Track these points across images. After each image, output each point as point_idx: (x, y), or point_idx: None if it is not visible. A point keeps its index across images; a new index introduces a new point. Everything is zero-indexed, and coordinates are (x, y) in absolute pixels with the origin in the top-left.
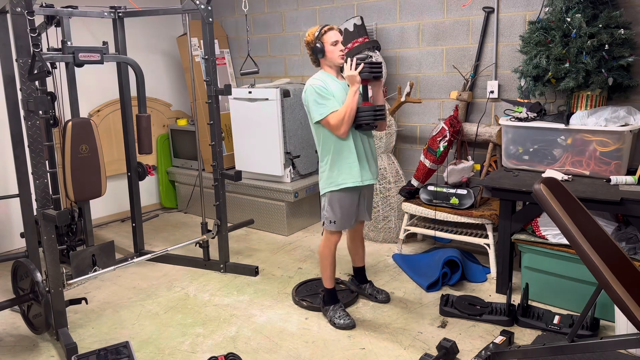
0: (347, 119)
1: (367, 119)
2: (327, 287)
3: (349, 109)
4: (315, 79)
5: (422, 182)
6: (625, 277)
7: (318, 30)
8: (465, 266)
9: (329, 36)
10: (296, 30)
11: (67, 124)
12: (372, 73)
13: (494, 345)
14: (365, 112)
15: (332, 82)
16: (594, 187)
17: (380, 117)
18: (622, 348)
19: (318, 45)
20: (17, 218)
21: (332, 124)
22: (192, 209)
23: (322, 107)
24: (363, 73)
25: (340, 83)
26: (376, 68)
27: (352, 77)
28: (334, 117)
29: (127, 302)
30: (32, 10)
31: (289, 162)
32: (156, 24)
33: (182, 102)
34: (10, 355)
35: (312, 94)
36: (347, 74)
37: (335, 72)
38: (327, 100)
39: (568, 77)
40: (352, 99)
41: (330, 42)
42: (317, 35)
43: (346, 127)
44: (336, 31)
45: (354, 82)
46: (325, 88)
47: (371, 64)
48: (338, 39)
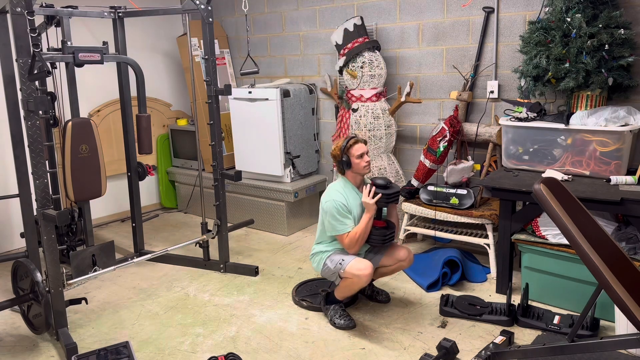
0: (359, 242)
1: (376, 242)
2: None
3: (361, 233)
4: (338, 192)
5: (422, 182)
6: (625, 277)
7: (344, 144)
8: (465, 266)
9: (355, 149)
10: (296, 30)
11: (67, 124)
12: (388, 203)
13: (494, 345)
14: (375, 235)
15: (352, 196)
16: (594, 187)
17: (389, 240)
18: (622, 348)
19: (344, 159)
20: (17, 218)
21: (345, 243)
22: (192, 209)
23: (340, 225)
24: (379, 202)
25: (359, 195)
26: (393, 198)
27: (368, 205)
28: (348, 238)
29: (127, 302)
30: (32, 10)
31: (289, 162)
32: (156, 24)
33: (182, 102)
34: (10, 355)
35: (332, 209)
36: (364, 200)
37: (359, 181)
38: (346, 219)
39: (568, 77)
40: (366, 225)
41: (356, 155)
42: (343, 148)
43: (357, 248)
44: (361, 144)
45: (370, 209)
46: (346, 205)
47: (389, 196)
48: (363, 151)
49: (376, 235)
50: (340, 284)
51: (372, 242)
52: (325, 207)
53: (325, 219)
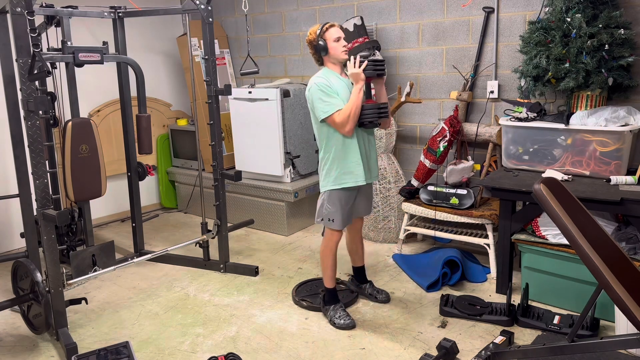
0: (352, 116)
1: (371, 117)
2: (328, 286)
3: (354, 106)
4: (319, 77)
5: (422, 182)
6: (625, 277)
7: (319, 28)
8: (465, 266)
9: (331, 33)
10: (296, 30)
11: (67, 124)
12: (376, 70)
13: (494, 345)
14: (369, 110)
15: (336, 80)
16: (594, 187)
17: (384, 114)
18: (622, 348)
19: (321, 43)
20: (17, 218)
21: (337, 122)
22: (192, 209)
23: (327, 105)
24: (367, 70)
25: (343, 80)
26: (380, 65)
27: (356, 75)
28: (339, 115)
29: (127, 302)
30: (32, 10)
31: (289, 162)
32: (156, 24)
33: (182, 102)
34: (10, 355)
35: (316, 92)
36: (351, 71)
37: (339, 69)
38: (332, 98)
39: (568, 77)
40: (357, 97)
41: (332, 39)
42: (319, 32)
43: (352, 125)
44: (337, 28)
45: (358, 80)
46: (329, 86)
47: (375, 62)
48: (340, 35)
49: (370, 110)
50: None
51: (368, 118)
52: (310, 94)
53: (313, 107)
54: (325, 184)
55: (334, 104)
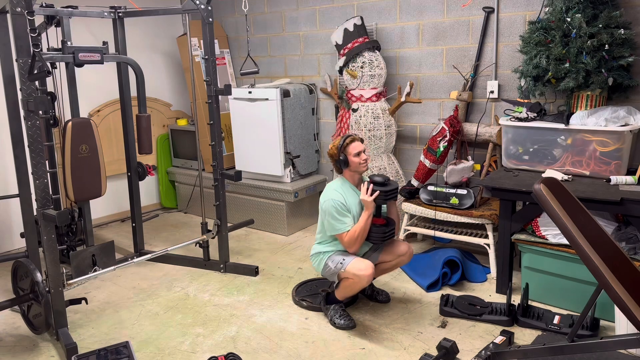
0: (359, 240)
1: (376, 239)
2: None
3: (361, 230)
4: (336, 192)
5: (422, 182)
6: (625, 277)
7: (340, 143)
8: (465, 266)
9: (352, 148)
10: (296, 30)
11: (67, 124)
12: (386, 200)
13: (494, 345)
14: (375, 232)
15: (351, 194)
16: (594, 187)
17: (389, 236)
18: (622, 348)
19: (342, 158)
20: (17, 218)
21: (344, 242)
22: (192, 209)
23: (339, 224)
24: (378, 199)
25: (358, 194)
26: (391, 194)
27: (366, 203)
28: (348, 237)
29: (127, 302)
30: (32, 10)
31: (289, 162)
32: (156, 24)
33: (182, 102)
34: (10, 355)
35: (330, 208)
36: (362, 198)
37: (357, 180)
38: (345, 217)
39: (568, 77)
40: (365, 222)
41: (353, 154)
42: (340, 147)
43: (357, 246)
44: (358, 142)
45: (368, 207)
46: (344, 204)
47: (387, 192)
48: (360, 149)
49: (376, 232)
50: (340, 285)
51: (372, 239)
52: (323, 207)
53: (324, 218)
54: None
55: (346, 223)
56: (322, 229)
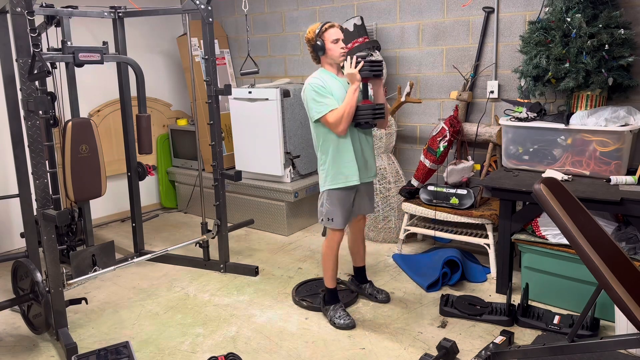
0: (346, 117)
1: (366, 117)
2: (329, 286)
3: (348, 107)
4: (314, 77)
5: (422, 182)
6: (625, 277)
7: (319, 28)
8: (465, 266)
9: (330, 33)
10: (296, 30)
11: (67, 124)
12: (372, 71)
13: (494, 345)
14: (364, 110)
15: (332, 80)
16: (594, 187)
17: (379, 115)
18: (622, 348)
19: (319, 43)
20: (17, 218)
21: (330, 122)
22: (192, 209)
23: (320, 106)
24: (363, 71)
25: (340, 81)
26: (376, 66)
27: (352, 75)
28: (333, 115)
29: (127, 302)
30: (32, 10)
31: (289, 162)
32: (156, 24)
33: (182, 102)
34: (10, 355)
35: (310, 92)
36: (347, 71)
37: (336, 69)
38: (326, 98)
39: (568, 77)
40: (352, 97)
41: (331, 40)
42: (318, 32)
43: (345, 125)
44: (337, 29)
45: (354, 81)
46: (324, 86)
47: (371, 62)
48: (339, 36)
49: (365, 111)
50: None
51: (363, 118)
52: (304, 94)
53: (307, 107)
54: (323, 183)
55: (328, 104)
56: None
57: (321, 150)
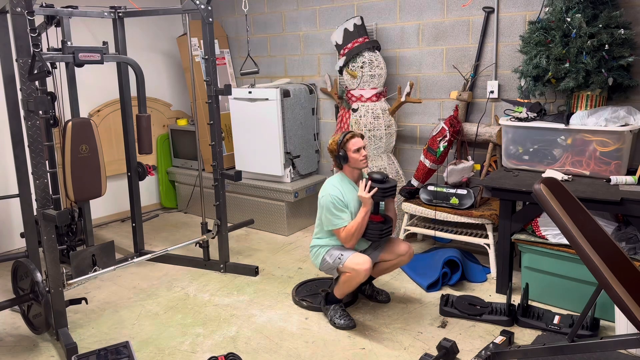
0: (356, 235)
1: (372, 236)
2: (338, 297)
3: (358, 226)
4: (334, 187)
5: (422, 182)
6: (625, 277)
7: (340, 139)
8: (465, 266)
9: (352, 144)
10: (296, 30)
11: (67, 124)
12: (384, 197)
13: (494, 345)
14: (372, 229)
15: (349, 190)
16: (594, 187)
17: (386, 234)
18: (622, 348)
19: (341, 154)
20: (17, 218)
21: (341, 237)
22: (192, 209)
23: (335, 219)
24: (375, 196)
25: (356, 190)
26: (389, 192)
27: (364, 200)
28: (344, 232)
29: (127, 302)
30: (32, 10)
31: (289, 162)
32: (156, 24)
33: (182, 102)
34: (10, 355)
35: (328, 204)
36: (360, 194)
37: (357, 176)
38: (342, 212)
39: (568, 77)
40: (362, 219)
41: (352, 150)
42: (340, 143)
43: (354, 241)
44: (358, 138)
45: (366, 204)
46: (342, 199)
47: (385, 190)
48: (360, 145)
49: (373, 229)
50: (339, 281)
51: (369, 236)
52: (321, 201)
53: (322, 213)
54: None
55: (343, 219)
56: (320, 223)
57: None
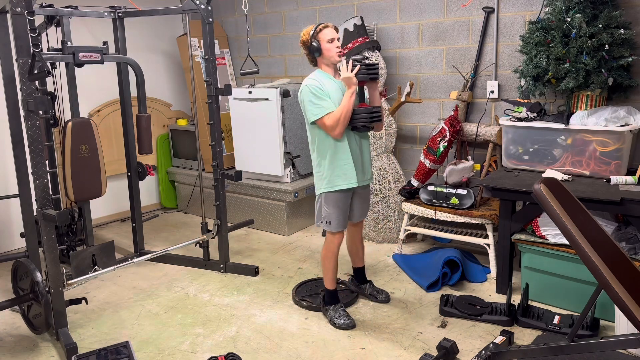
0: (342, 120)
1: (362, 121)
2: (329, 288)
3: (344, 110)
4: (311, 79)
5: (422, 182)
6: (625, 277)
7: (313, 29)
8: (465, 266)
9: (325, 34)
10: (296, 30)
11: (67, 124)
12: (368, 74)
13: (494, 345)
14: (361, 114)
15: (329, 82)
16: (594, 187)
17: (376, 118)
18: (622, 348)
19: (314, 44)
20: (17, 218)
21: (327, 125)
22: (192, 209)
23: (317, 108)
24: (359, 75)
25: (336, 82)
26: (373, 69)
27: (348, 79)
28: (330, 118)
29: (127, 302)
30: (32, 10)
31: (289, 162)
32: (156, 24)
33: (182, 102)
34: (10, 355)
35: (307, 94)
36: (344, 75)
37: (333, 70)
38: (323, 100)
39: (568, 77)
40: (348, 101)
41: (326, 40)
42: (313, 33)
43: (341, 128)
44: (332, 28)
45: (350, 84)
46: (321, 88)
47: (368, 66)
48: (334, 36)
49: (362, 115)
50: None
51: (358, 121)
52: (300, 96)
53: (304, 109)
54: (319, 186)
55: (325, 106)
56: (312, 139)
57: (317, 152)
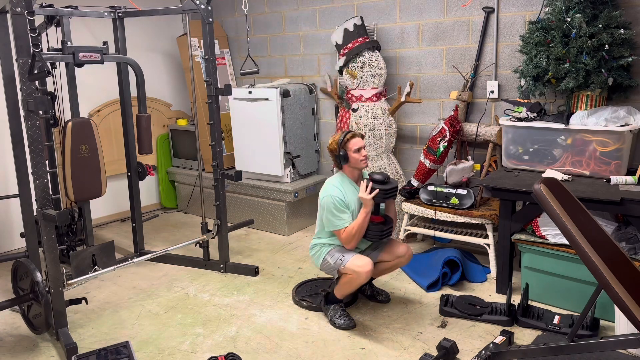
0: (357, 236)
1: (373, 237)
2: (338, 297)
3: (359, 227)
4: (335, 187)
5: (422, 182)
6: (625, 277)
7: (341, 138)
8: (465, 266)
9: (352, 143)
10: (296, 30)
11: (67, 124)
12: (385, 198)
13: (494, 345)
14: (372, 230)
15: (350, 190)
16: (594, 187)
17: (386, 234)
18: (622, 348)
19: (342, 153)
20: (17, 218)
21: (342, 237)
22: (192, 209)
23: (337, 220)
24: (377, 198)
25: (357, 190)
26: (390, 193)
27: (365, 200)
28: (345, 234)
29: (127, 302)
30: (32, 10)
31: (289, 162)
32: (156, 24)
33: (182, 102)
34: (10, 355)
35: (329, 204)
36: (361, 195)
37: (357, 176)
38: (343, 213)
39: (568, 77)
40: (363, 220)
41: (353, 149)
42: (340, 142)
43: (355, 242)
44: (359, 138)
45: (367, 205)
46: (343, 200)
47: (386, 191)
48: (361, 145)
49: (373, 230)
50: (340, 282)
51: (370, 237)
52: (322, 202)
53: (322, 214)
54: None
55: (344, 219)
56: (321, 223)
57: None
